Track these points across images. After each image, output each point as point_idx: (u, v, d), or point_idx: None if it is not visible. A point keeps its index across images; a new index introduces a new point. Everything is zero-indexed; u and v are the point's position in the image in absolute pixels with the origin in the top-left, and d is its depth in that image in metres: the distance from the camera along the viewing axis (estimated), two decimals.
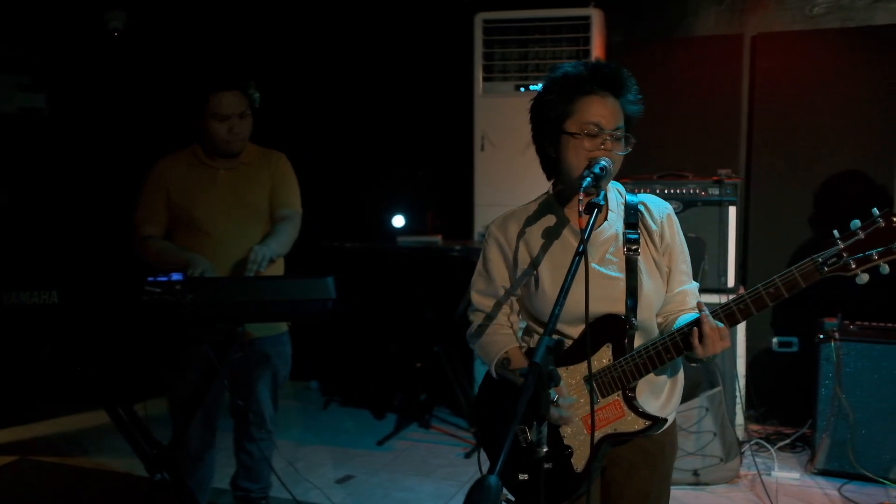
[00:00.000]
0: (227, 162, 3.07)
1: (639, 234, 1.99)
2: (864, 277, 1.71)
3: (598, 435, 1.95)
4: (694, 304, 2.04)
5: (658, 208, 2.06)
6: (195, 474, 3.06)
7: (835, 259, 1.72)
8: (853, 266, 1.71)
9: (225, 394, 3.08)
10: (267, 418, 3.17)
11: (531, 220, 2.04)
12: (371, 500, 3.81)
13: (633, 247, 1.98)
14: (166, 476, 2.64)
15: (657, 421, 1.95)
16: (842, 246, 1.72)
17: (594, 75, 1.90)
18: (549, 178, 2.08)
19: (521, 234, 2.04)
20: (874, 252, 1.70)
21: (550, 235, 2.00)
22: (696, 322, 1.80)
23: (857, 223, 1.72)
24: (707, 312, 1.79)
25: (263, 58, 5.52)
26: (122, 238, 3.08)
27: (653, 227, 2.02)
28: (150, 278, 2.40)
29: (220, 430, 3.24)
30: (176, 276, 2.41)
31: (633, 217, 2.02)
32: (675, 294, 2.05)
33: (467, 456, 4.39)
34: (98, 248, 4.79)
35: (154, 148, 3.19)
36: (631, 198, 2.07)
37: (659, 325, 2.05)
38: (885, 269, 1.71)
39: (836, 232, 1.75)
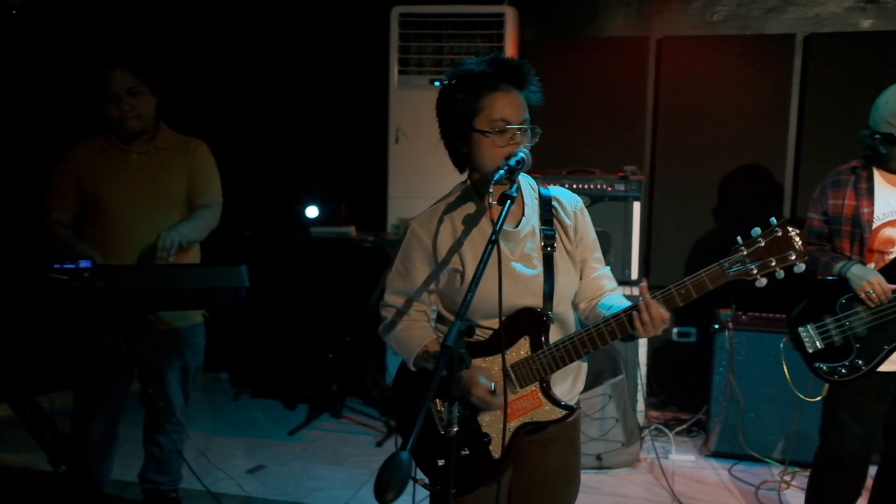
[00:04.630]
0: (141, 146, 3.00)
1: (554, 230, 2.07)
2: (762, 282, 1.86)
3: (515, 424, 2.02)
4: (610, 286, 2.16)
5: (570, 202, 2.13)
6: (97, 467, 2.98)
7: (739, 265, 1.86)
8: (754, 271, 1.85)
9: (133, 385, 3.02)
10: (176, 409, 3.12)
11: (454, 216, 2.07)
12: (283, 489, 3.81)
13: (550, 242, 2.05)
14: (69, 467, 2.58)
15: (573, 411, 2.04)
16: (745, 253, 1.85)
17: (499, 71, 1.94)
18: (460, 171, 2.12)
19: (444, 230, 2.06)
20: (772, 259, 1.84)
21: (471, 227, 2.04)
22: (635, 308, 1.90)
23: (757, 231, 1.86)
24: (649, 298, 1.89)
25: (178, 47, 5.39)
26: (26, 223, 2.97)
27: (567, 222, 2.10)
28: (57, 265, 2.34)
29: (129, 423, 3.18)
30: (84, 264, 2.36)
31: (548, 213, 2.09)
32: (591, 280, 2.14)
33: (379, 444, 4.43)
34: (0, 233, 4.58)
35: (61, 131, 3.09)
36: (543, 192, 2.13)
37: (583, 310, 2.14)
38: (781, 274, 1.86)
39: (739, 239, 1.88)
